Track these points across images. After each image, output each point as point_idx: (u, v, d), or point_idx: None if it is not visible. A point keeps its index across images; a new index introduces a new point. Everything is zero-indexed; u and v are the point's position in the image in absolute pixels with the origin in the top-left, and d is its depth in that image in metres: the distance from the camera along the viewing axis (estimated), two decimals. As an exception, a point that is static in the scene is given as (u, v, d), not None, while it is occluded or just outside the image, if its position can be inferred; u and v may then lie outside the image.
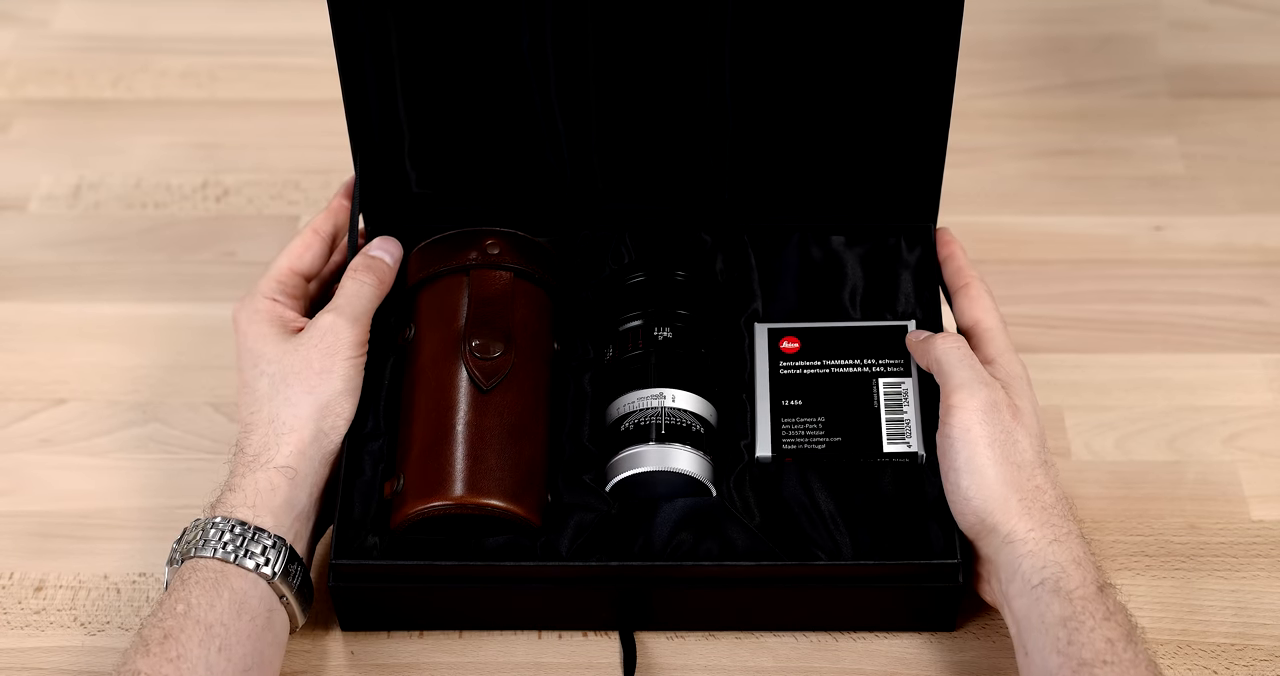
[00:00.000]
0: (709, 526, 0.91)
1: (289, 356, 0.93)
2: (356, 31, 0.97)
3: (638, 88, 0.99)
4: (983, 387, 0.90)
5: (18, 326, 1.12)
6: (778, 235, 1.03)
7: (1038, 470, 0.89)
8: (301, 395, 0.92)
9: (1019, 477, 0.89)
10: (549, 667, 0.92)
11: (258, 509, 0.89)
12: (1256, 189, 1.19)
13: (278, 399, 0.92)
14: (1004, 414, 0.90)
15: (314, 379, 0.93)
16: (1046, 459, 0.91)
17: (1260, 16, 1.33)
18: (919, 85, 0.97)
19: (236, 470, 0.91)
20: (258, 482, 0.90)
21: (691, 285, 0.99)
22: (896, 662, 0.92)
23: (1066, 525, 0.88)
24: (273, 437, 0.91)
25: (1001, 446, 0.89)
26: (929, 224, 1.03)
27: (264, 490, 0.90)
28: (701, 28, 0.96)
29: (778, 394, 0.97)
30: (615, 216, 1.04)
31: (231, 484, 0.91)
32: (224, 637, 0.84)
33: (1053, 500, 0.89)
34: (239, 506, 0.89)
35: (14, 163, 1.23)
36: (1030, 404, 0.92)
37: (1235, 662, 0.91)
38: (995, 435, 0.89)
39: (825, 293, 1.02)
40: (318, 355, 0.93)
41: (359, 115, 1.00)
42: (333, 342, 0.93)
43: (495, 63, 0.98)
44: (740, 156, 1.01)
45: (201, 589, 0.86)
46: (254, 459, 0.91)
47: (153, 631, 0.84)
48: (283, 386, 0.93)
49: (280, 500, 0.90)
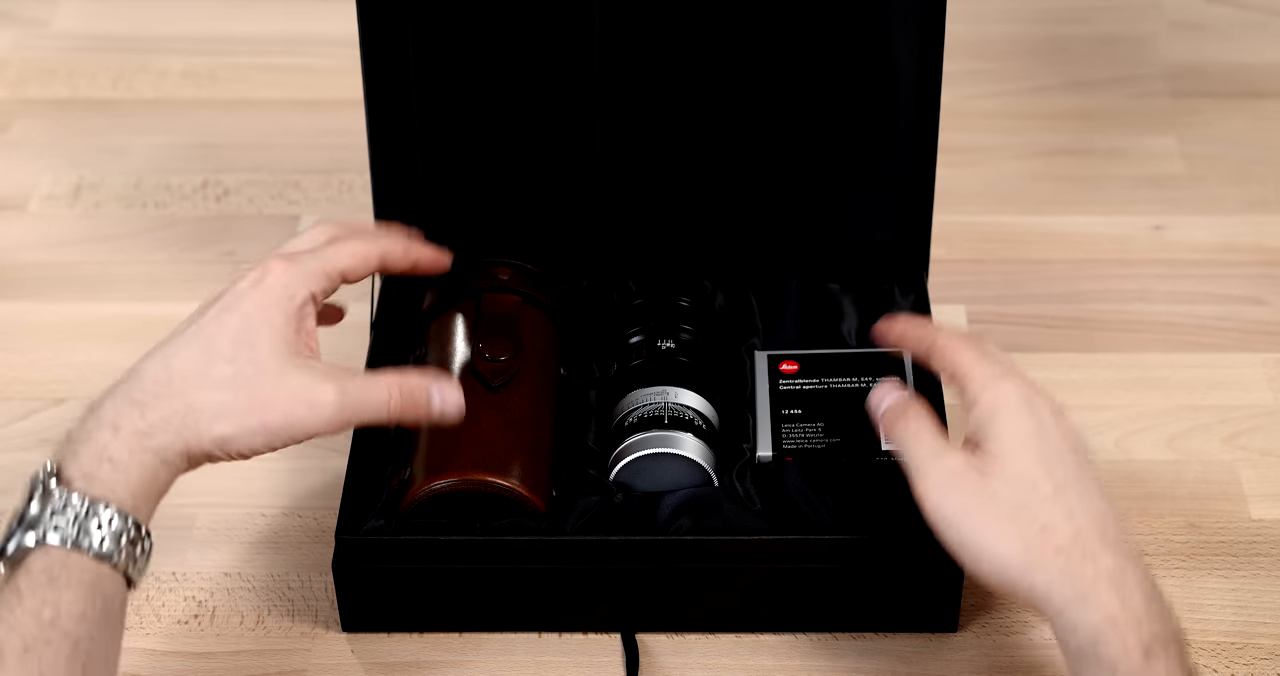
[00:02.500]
0: (711, 510, 0.92)
1: (277, 377, 0.81)
2: (379, 34, 0.99)
3: (640, 135, 1.03)
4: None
5: (18, 326, 1.12)
6: (776, 281, 1.06)
7: (1046, 502, 0.79)
8: (242, 414, 0.79)
9: (1017, 520, 0.79)
10: (549, 667, 0.92)
11: (138, 499, 0.77)
12: (1256, 189, 1.19)
13: (221, 395, 0.79)
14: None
15: (274, 417, 0.80)
16: (1064, 478, 0.80)
17: (1260, 16, 1.33)
18: (906, 150, 1.02)
19: (123, 432, 0.78)
20: (144, 468, 0.77)
21: (694, 309, 1.01)
22: (896, 662, 0.92)
23: (1094, 566, 0.77)
24: (177, 425, 0.78)
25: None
26: (921, 271, 1.05)
27: (147, 480, 0.77)
28: (707, 87, 1.00)
29: (778, 406, 0.98)
30: (618, 262, 1.06)
31: (113, 455, 0.77)
32: (89, 651, 0.73)
33: (1068, 538, 0.77)
34: (119, 490, 0.76)
35: (14, 163, 1.23)
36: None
37: (1235, 661, 0.91)
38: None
39: (823, 329, 1.04)
40: (302, 404, 0.80)
41: (378, 114, 1.01)
42: (318, 400, 0.81)
43: (512, 78, 1.00)
44: (740, 215, 1.05)
45: (74, 594, 0.73)
46: (147, 434, 0.78)
47: (9, 637, 0.71)
48: (238, 389, 0.80)
49: (156, 489, 0.78)
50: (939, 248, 1.10)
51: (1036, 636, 0.93)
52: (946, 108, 1.02)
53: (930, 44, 0.98)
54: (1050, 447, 0.80)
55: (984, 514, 0.79)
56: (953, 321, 1.10)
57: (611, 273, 1.05)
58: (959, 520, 0.79)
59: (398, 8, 0.98)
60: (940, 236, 1.12)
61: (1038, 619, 0.93)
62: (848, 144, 1.02)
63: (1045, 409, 0.82)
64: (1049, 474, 0.80)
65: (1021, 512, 0.78)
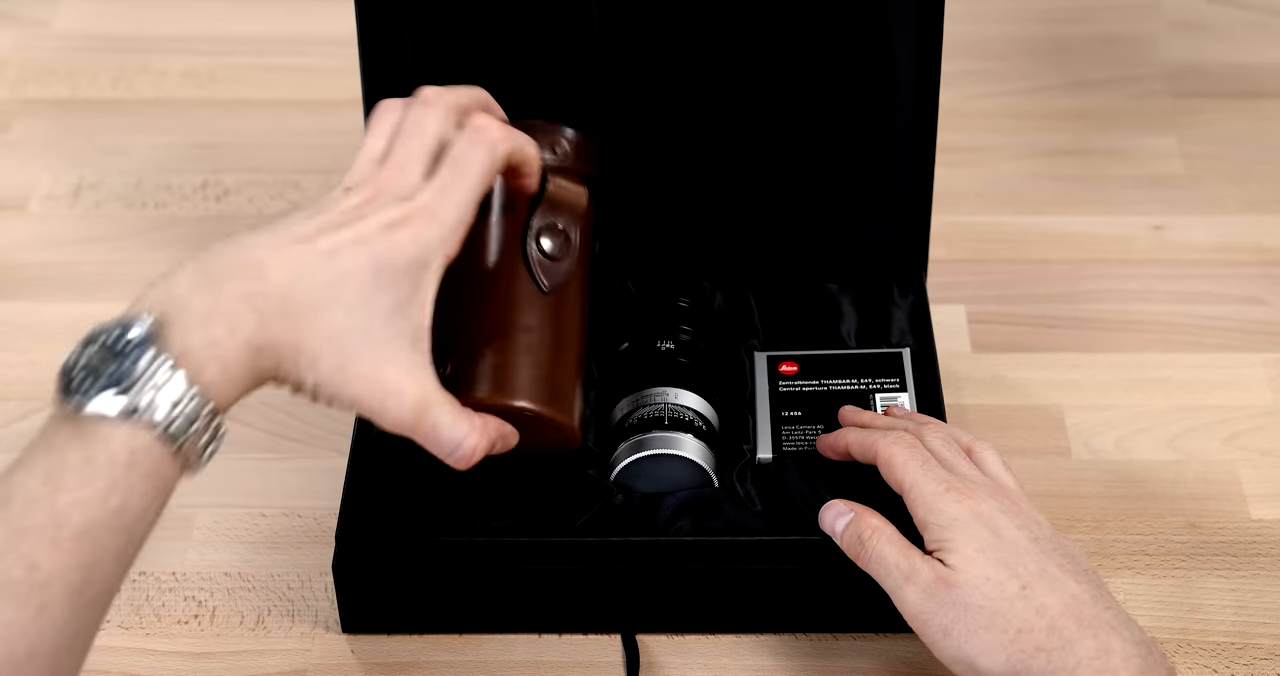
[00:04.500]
0: (711, 511, 0.92)
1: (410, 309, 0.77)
2: (378, 34, 0.99)
3: (641, 142, 1.03)
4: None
5: (18, 326, 1.12)
6: (775, 282, 1.06)
7: (1016, 602, 0.80)
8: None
9: (993, 627, 0.80)
10: (549, 667, 0.92)
11: (225, 410, 0.72)
12: (1256, 189, 1.19)
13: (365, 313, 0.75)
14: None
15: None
16: (1028, 573, 0.80)
17: (1260, 16, 1.33)
18: (905, 150, 1.02)
19: (234, 332, 0.72)
20: (245, 381, 0.73)
21: (693, 310, 1.01)
22: (897, 662, 0.92)
23: (1074, 656, 0.78)
24: (286, 352, 0.74)
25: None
26: (920, 271, 1.05)
27: (239, 396, 0.73)
28: (706, 88, 1.00)
29: (777, 407, 0.98)
30: (616, 262, 1.05)
31: (224, 357, 0.71)
32: (134, 550, 0.70)
33: (1044, 634, 0.79)
34: (222, 395, 0.72)
35: (14, 163, 1.23)
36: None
37: (1235, 661, 0.91)
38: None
39: (823, 329, 1.04)
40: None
41: None
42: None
43: (510, 77, 1.00)
44: (739, 215, 1.05)
45: (144, 488, 0.69)
46: (259, 350, 0.73)
47: (70, 512, 0.67)
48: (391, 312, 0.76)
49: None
50: (939, 248, 1.11)
51: (1036, 636, 0.93)
52: (946, 108, 1.02)
53: (929, 43, 0.98)
54: (1008, 546, 0.82)
55: (963, 627, 0.80)
56: (953, 321, 1.10)
57: (610, 273, 1.05)
58: (942, 639, 0.81)
59: (396, 8, 0.98)
60: (940, 236, 1.12)
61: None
62: (847, 144, 1.02)
63: (995, 512, 0.83)
64: (1013, 574, 0.81)
65: (996, 619, 0.80)
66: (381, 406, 0.77)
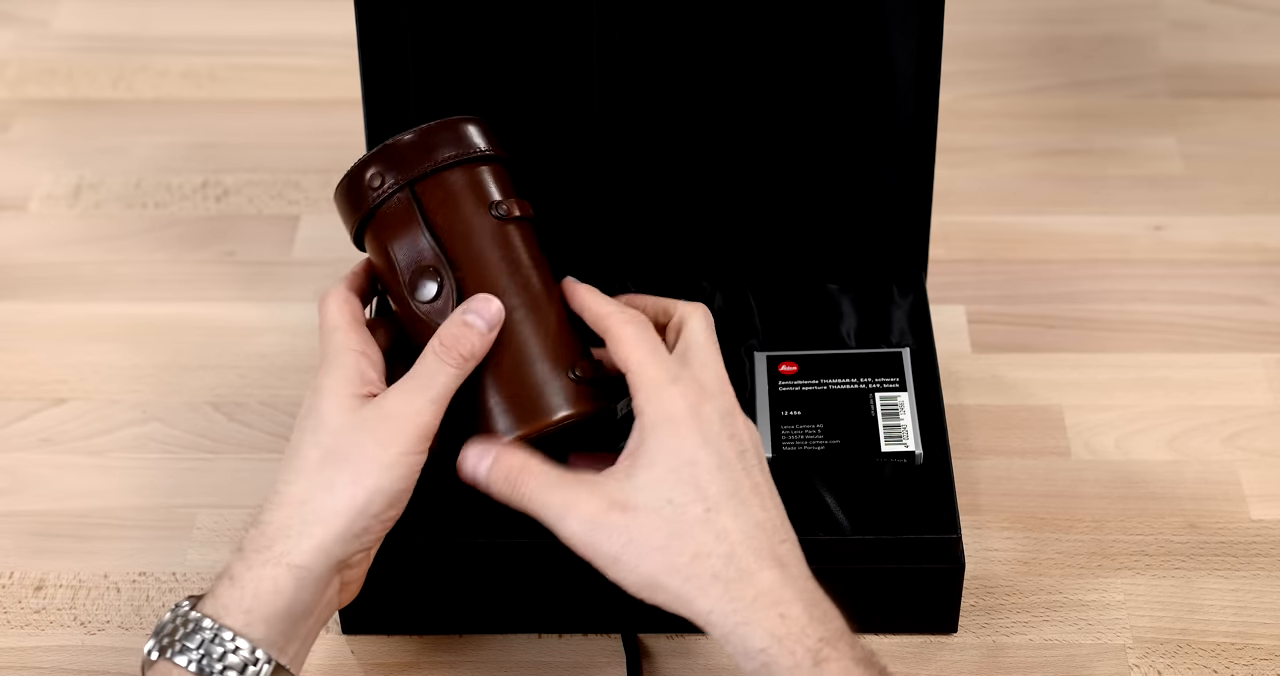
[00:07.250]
0: None
1: (349, 433, 0.80)
2: (377, 34, 0.99)
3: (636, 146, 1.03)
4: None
5: (18, 326, 1.12)
6: (775, 282, 1.06)
7: (696, 525, 0.77)
8: (346, 484, 0.80)
9: (668, 550, 0.77)
10: (549, 667, 0.92)
11: (252, 615, 0.78)
12: (1256, 189, 1.19)
13: (319, 479, 0.80)
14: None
15: (365, 467, 0.80)
16: (719, 494, 0.78)
17: (1260, 16, 1.33)
18: (904, 150, 1.01)
19: (245, 552, 0.79)
20: (261, 582, 0.78)
21: None
22: (896, 662, 0.92)
23: (753, 587, 0.76)
24: (297, 524, 0.79)
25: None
26: (920, 271, 1.05)
27: (265, 592, 0.78)
28: (705, 88, 1.00)
29: (777, 407, 0.98)
30: (616, 262, 1.05)
31: (233, 573, 0.79)
32: None
33: (722, 562, 0.76)
34: (232, 609, 0.78)
35: (14, 163, 1.23)
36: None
37: (1235, 662, 0.91)
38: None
39: (822, 329, 1.04)
40: (374, 442, 0.80)
41: (376, 114, 1.01)
42: (395, 432, 0.80)
43: (509, 78, 1.00)
44: (738, 215, 1.05)
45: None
46: (267, 547, 0.79)
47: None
48: (329, 466, 0.80)
49: (282, 605, 0.78)
50: (938, 248, 1.11)
51: (1036, 637, 0.93)
52: (946, 108, 1.02)
53: (928, 43, 0.98)
54: (708, 462, 0.79)
55: (634, 553, 0.77)
56: (952, 321, 1.10)
57: (610, 273, 1.05)
58: (612, 566, 0.78)
59: (396, 8, 0.98)
60: (940, 236, 1.12)
61: (1036, 620, 0.93)
62: (846, 144, 1.02)
63: (714, 415, 0.80)
64: (701, 494, 0.78)
65: (672, 542, 0.77)
66: (380, 477, 0.81)
